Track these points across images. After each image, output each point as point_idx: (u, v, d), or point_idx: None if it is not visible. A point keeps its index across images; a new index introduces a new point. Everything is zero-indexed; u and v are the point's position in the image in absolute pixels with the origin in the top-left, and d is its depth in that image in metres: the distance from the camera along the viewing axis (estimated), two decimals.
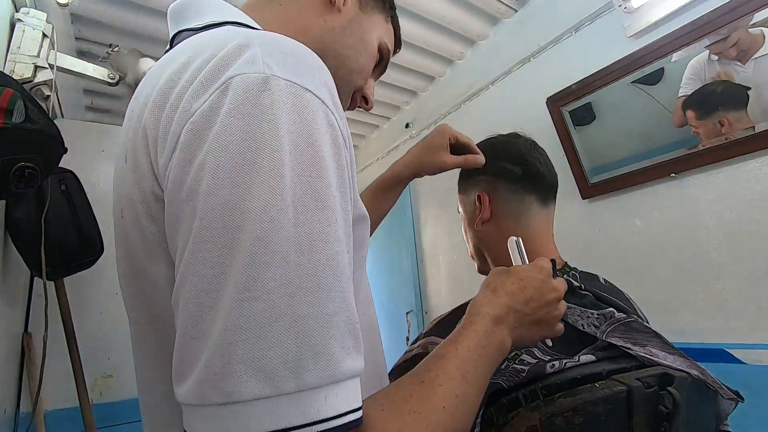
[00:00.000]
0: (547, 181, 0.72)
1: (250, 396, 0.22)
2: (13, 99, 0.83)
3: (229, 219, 0.25)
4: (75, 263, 1.39)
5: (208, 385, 0.23)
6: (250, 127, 0.27)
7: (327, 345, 0.24)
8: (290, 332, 0.24)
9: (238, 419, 0.22)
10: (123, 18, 1.56)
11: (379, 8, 0.54)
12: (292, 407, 0.23)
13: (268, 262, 0.24)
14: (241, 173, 0.26)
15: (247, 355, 0.23)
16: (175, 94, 0.30)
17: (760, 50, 1.03)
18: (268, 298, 0.24)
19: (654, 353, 0.54)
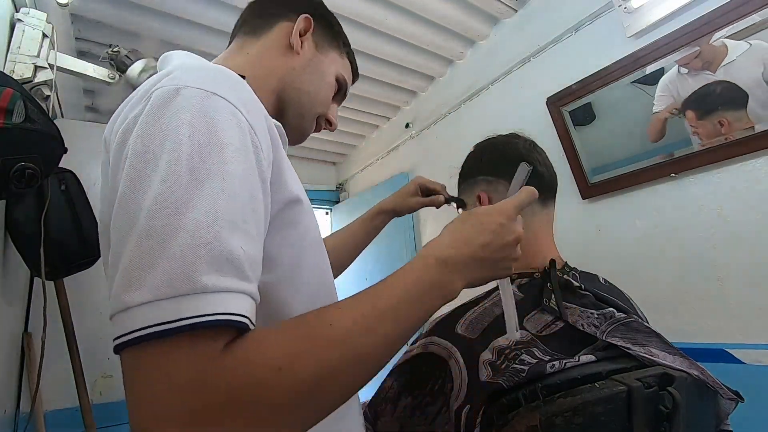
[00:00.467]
0: (547, 181, 0.72)
1: (136, 303, 0.29)
2: (13, 99, 0.83)
3: (138, 187, 0.33)
4: (75, 263, 1.39)
5: (114, 301, 0.31)
6: (161, 122, 0.35)
7: (195, 267, 0.30)
8: (170, 260, 0.30)
9: (132, 319, 0.29)
10: (123, 18, 1.56)
11: (334, 47, 0.64)
12: (168, 309, 0.29)
13: (157, 211, 0.31)
14: (149, 160, 0.33)
15: (138, 276, 0.30)
16: (124, 111, 0.41)
17: (726, 59, 1.09)
18: (157, 236, 0.30)
19: (654, 353, 0.54)
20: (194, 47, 1.76)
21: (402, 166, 2.46)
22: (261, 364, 0.30)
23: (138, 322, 0.29)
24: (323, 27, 0.63)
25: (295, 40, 0.59)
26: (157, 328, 0.28)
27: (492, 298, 0.62)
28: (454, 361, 0.52)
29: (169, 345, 0.29)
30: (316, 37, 0.62)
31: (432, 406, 0.52)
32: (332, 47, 0.64)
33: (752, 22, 1.02)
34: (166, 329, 0.28)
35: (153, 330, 0.28)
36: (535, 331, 0.55)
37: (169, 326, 0.28)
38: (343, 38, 0.67)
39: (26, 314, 1.43)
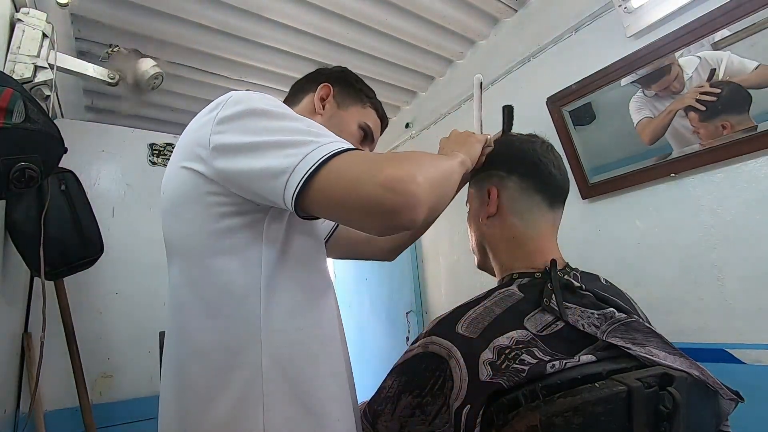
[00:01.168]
0: (558, 184, 0.72)
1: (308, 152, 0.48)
2: (13, 99, 0.83)
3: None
4: (75, 263, 1.39)
5: (296, 159, 0.48)
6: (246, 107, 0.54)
7: (312, 133, 0.51)
8: (304, 135, 0.51)
9: (316, 154, 0.48)
10: (123, 18, 1.56)
11: (356, 102, 0.79)
12: (344, 144, 0.50)
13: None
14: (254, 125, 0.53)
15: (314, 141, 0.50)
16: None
17: (685, 77, 1.16)
18: (291, 135, 0.51)
19: (654, 353, 0.54)
20: (194, 47, 1.76)
21: None
22: (400, 153, 0.51)
23: (323, 152, 0.48)
24: (343, 88, 0.78)
25: (317, 104, 0.76)
26: (335, 150, 0.48)
27: (492, 297, 0.62)
28: (454, 361, 0.52)
29: (346, 155, 0.48)
30: (338, 98, 0.77)
31: (432, 406, 0.52)
32: (353, 103, 0.78)
33: (752, 22, 1.02)
34: (343, 149, 0.49)
35: (334, 152, 0.48)
36: (535, 331, 0.55)
37: (341, 149, 0.49)
38: (366, 93, 0.81)
39: (26, 314, 1.43)
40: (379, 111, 0.82)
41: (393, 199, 0.44)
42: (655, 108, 1.23)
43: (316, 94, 0.76)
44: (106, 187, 1.75)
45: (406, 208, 0.45)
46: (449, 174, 0.57)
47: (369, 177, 0.45)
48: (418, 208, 0.45)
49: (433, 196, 0.48)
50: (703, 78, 1.12)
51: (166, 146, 1.93)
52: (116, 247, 1.62)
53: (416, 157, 0.50)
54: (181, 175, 0.57)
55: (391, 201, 0.44)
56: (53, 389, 1.44)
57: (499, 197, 0.72)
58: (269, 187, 0.49)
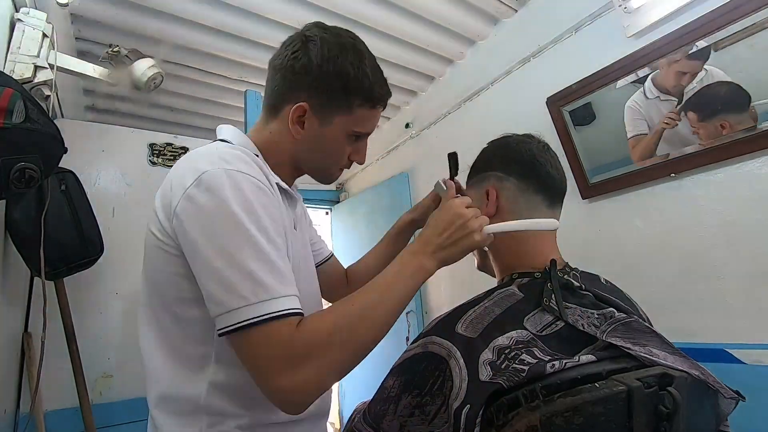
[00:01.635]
0: (556, 184, 0.72)
1: (242, 305, 0.51)
2: (13, 99, 0.83)
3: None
4: (75, 263, 1.39)
5: (220, 307, 0.52)
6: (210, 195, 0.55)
7: (253, 282, 0.52)
8: (245, 281, 0.52)
9: (242, 314, 0.51)
10: (123, 18, 1.56)
11: (341, 110, 0.67)
12: (264, 307, 0.51)
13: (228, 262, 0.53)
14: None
15: (239, 290, 0.52)
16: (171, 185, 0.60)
17: (689, 85, 1.14)
18: (235, 272, 0.52)
19: (654, 353, 0.54)
20: (194, 47, 1.76)
21: (402, 166, 2.46)
22: (320, 328, 0.53)
23: (241, 317, 0.50)
24: (323, 98, 0.66)
25: (293, 128, 0.67)
26: (262, 318, 0.50)
27: (492, 297, 0.62)
28: (454, 361, 0.52)
29: (268, 327, 0.50)
30: (317, 112, 0.67)
31: (431, 406, 0.51)
32: (338, 112, 0.67)
33: (752, 22, 1.02)
34: (267, 318, 0.50)
35: (259, 319, 0.50)
36: (535, 331, 0.55)
37: (267, 316, 0.50)
38: (349, 89, 0.66)
39: (26, 314, 1.43)
40: (372, 100, 0.69)
41: (279, 404, 0.52)
42: (651, 116, 1.22)
43: (291, 116, 0.66)
44: (106, 187, 1.75)
45: (291, 411, 0.52)
46: (390, 318, 0.59)
47: (264, 377, 0.51)
48: (300, 411, 0.52)
49: (326, 387, 0.54)
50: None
51: (166, 146, 1.93)
52: (116, 247, 1.62)
53: (330, 345, 0.53)
54: (153, 217, 0.62)
55: (279, 404, 0.52)
56: (53, 389, 1.44)
57: (497, 198, 0.72)
58: (206, 303, 0.54)
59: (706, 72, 1.11)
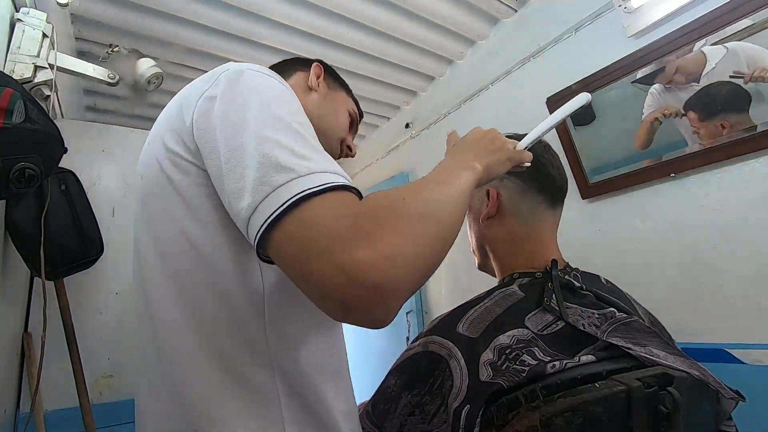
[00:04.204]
0: (557, 184, 0.72)
1: (289, 179, 0.38)
2: (13, 99, 0.83)
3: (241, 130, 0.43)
4: (75, 263, 1.39)
5: (261, 186, 0.38)
6: (239, 86, 0.46)
7: (301, 157, 0.40)
8: (291, 156, 0.40)
9: (294, 186, 0.37)
10: (123, 18, 1.56)
11: (341, 87, 0.81)
12: (320, 178, 0.38)
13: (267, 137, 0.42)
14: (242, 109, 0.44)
15: (283, 163, 0.39)
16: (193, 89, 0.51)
17: (706, 67, 1.12)
18: (276, 149, 0.40)
19: (654, 353, 0.54)
20: (194, 47, 1.76)
21: (402, 166, 2.46)
22: (390, 199, 0.40)
23: (293, 190, 0.37)
24: (331, 75, 0.80)
25: (312, 81, 0.74)
26: (321, 187, 0.38)
27: (493, 297, 0.62)
28: (454, 361, 0.52)
29: (323, 198, 0.37)
30: (327, 80, 0.78)
31: (430, 405, 0.52)
32: (340, 88, 0.80)
33: (752, 22, 1.02)
34: (326, 186, 0.38)
35: (318, 188, 0.37)
36: (536, 330, 0.55)
37: (324, 186, 0.38)
38: (346, 84, 0.83)
39: (26, 314, 1.43)
40: (358, 106, 0.84)
41: (349, 291, 0.33)
42: (678, 99, 1.19)
43: (312, 71, 0.75)
44: (106, 187, 1.75)
45: (366, 304, 0.34)
46: (454, 220, 0.44)
47: (328, 250, 0.34)
48: (385, 305, 0.35)
49: (415, 278, 0.37)
50: (728, 71, 1.07)
51: None
52: (116, 247, 1.62)
53: (406, 215, 0.39)
54: (160, 153, 0.49)
55: (346, 292, 0.33)
56: (53, 389, 1.43)
57: (498, 198, 0.72)
58: (232, 212, 0.41)
59: (726, 50, 1.08)
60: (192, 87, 0.50)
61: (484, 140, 0.59)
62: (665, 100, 1.21)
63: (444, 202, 0.44)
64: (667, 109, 1.19)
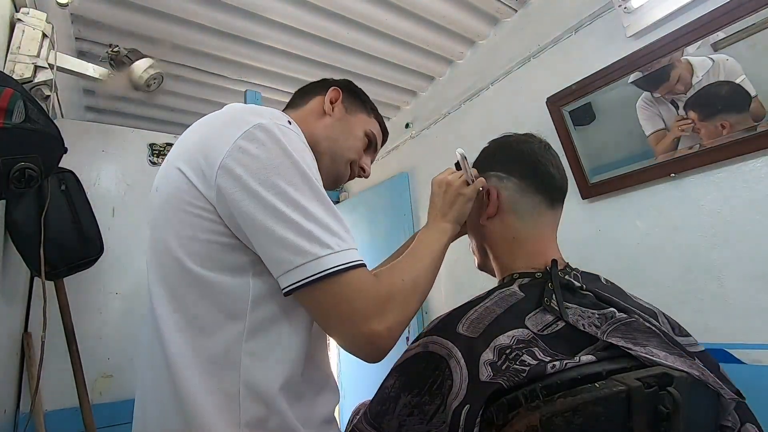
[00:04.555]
0: (557, 183, 0.72)
1: (324, 254, 0.50)
2: (13, 99, 0.83)
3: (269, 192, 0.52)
4: (75, 263, 1.39)
5: (299, 257, 0.50)
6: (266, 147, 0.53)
7: (331, 232, 0.52)
8: (324, 231, 0.51)
9: (325, 263, 0.49)
10: (123, 18, 1.56)
11: (361, 109, 0.82)
12: (344, 256, 0.51)
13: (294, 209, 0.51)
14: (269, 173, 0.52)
15: (317, 240, 0.51)
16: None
17: (693, 78, 1.14)
18: (313, 222, 0.51)
19: (654, 353, 0.54)
20: (194, 47, 1.76)
21: (402, 166, 2.46)
22: (394, 281, 0.57)
23: (329, 263, 0.49)
24: (351, 96, 0.81)
25: (327, 106, 0.76)
26: (349, 264, 0.50)
27: (493, 297, 0.62)
28: (454, 361, 0.52)
29: (352, 274, 0.50)
30: (346, 103, 0.79)
31: (429, 405, 0.52)
32: (360, 110, 0.81)
33: (752, 22, 1.02)
34: (353, 264, 0.51)
35: (347, 265, 0.50)
36: (536, 330, 0.55)
37: (353, 263, 0.51)
38: (370, 105, 0.84)
39: (26, 314, 1.43)
40: (381, 124, 0.86)
41: (370, 351, 0.52)
42: (661, 114, 1.21)
43: (327, 96, 0.77)
44: (106, 187, 1.75)
45: (377, 358, 0.52)
46: (432, 277, 0.64)
47: (358, 322, 0.50)
48: (384, 355, 0.53)
49: (401, 333, 0.54)
50: (713, 80, 1.10)
51: (166, 146, 1.93)
52: (116, 247, 1.62)
53: (402, 292, 0.55)
54: (175, 177, 0.55)
55: (368, 352, 0.52)
56: (53, 389, 1.44)
57: (498, 198, 0.72)
58: (267, 259, 0.51)
59: (713, 62, 1.10)
60: (214, 128, 0.56)
61: (442, 197, 0.73)
62: (659, 110, 1.22)
63: (428, 273, 0.63)
64: (681, 129, 1.18)
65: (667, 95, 1.20)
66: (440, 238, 0.68)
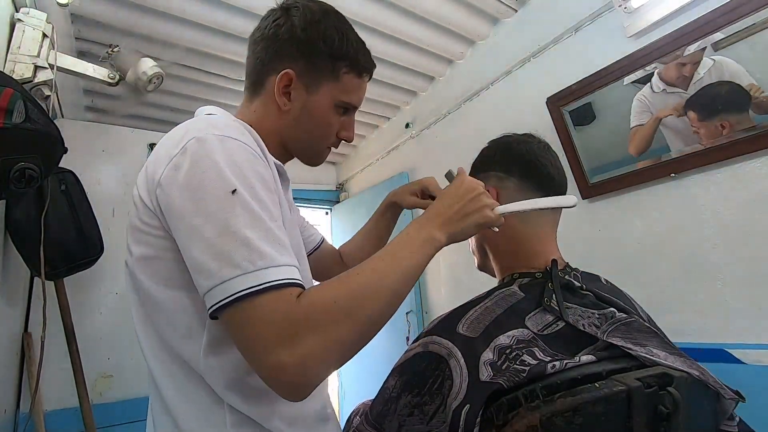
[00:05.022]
0: (557, 183, 0.72)
1: (233, 276, 0.45)
2: (13, 99, 0.83)
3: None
4: (75, 263, 1.39)
5: (210, 280, 0.45)
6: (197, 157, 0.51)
7: (248, 249, 0.46)
8: (239, 248, 0.46)
9: (232, 287, 0.44)
10: (123, 18, 1.56)
11: (326, 77, 0.65)
12: (257, 276, 0.45)
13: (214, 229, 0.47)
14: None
15: (228, 259, 0.46)
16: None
17: (695, 76, 1.13)
18: (229, 239, 0.46)
19: (654, 353, 0.54)
20: (194, 47, 1.76)
21: (402, 166, 2.46)
22: (324, 297, 0.47)
23: (236, 287, 0.44)
24: (309, 64, 0.64)
25: (279, 99, 0.65)
26: (260, 287, 0.44)
27: (493, 297, 0.62)
28: (454, 361, 0.52)
29: (266, 297, 0.44)
30: (303, 79, 0.64)
31: (430, 405, 0.51)
32: (325, 78, 0.65)
33: (752, 22, 1.02)
34: (264, 286, 0.44)
35: (256, 288, 0.44)
36: (536, 330, 0.55)
37: (265, 285, 0.44)
38: (335, 54, 0.65)
39: (26, 314, 1.43)
40: (358, 67, 0.68)
41: (275, 385, 0.44)
42: (656, 108, 1.22)
43: (277, 86, 0.64)
44: (106, 187, 1.75)
45: (288, 393, 0.45)
46: (401, 293, 0.52)
47: (260, 351, 0.43)
48: (299, 395, 0.45)
49: (326, 369, 0.46)
50: (713, 80, 1.10)
51: None
52: (116, 247, 1.62)
53: (332, 315, 0.46)
54: (135, 198, 0.57)
55: (273, 384, 0.44)
56: (53, 389, 1.44)
57: (498, 198, 0.72)
58: (194, 278, 0.48)
59: (714, 62, 1.10)
60: (163, 147, 0.55)
61: (463, 201, 0.60)
62: (654, 104, 1.22)
63: (386, 284, 0.50)
64: (670, 109, 1.19)
65: (671, 87, 1.19)
66: (427, 248, 0.56)
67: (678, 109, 1.17)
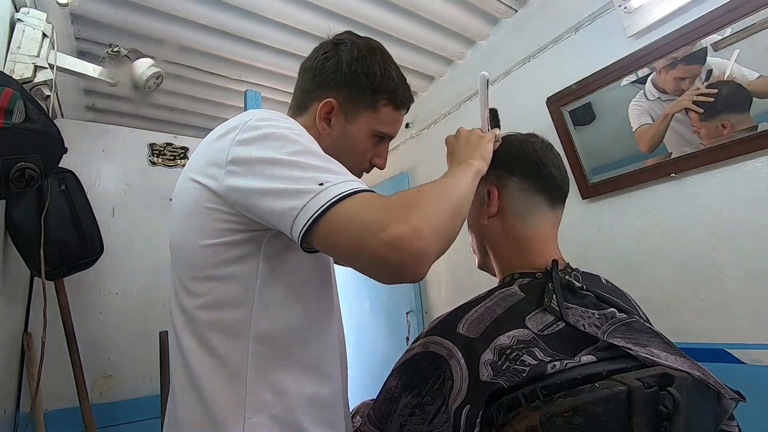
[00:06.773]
0: (559, 183, 0.72)
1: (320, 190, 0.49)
2: (13, 99, 0.83)
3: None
4: (75, 263, 1.39)
5: (305, 200, 0.49)
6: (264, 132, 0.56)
7: (331, 172, 0.51)
8: (322, 171, 0.51)
9: (334, 191, 0.48)
10: (123, 18, 1.56)
11: (366, 107, 0.71)
12: (354, 183, 0.50)
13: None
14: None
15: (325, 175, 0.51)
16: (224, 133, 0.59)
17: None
18: (309, 169, 0.52)
19: (655, 353, 0.54)
20: (194, 47, 1.76)
21: (402, 166, 2.46)
22: (408, 192, 0.53)
23: (334, 192, 0.48)
24: (350, 95, 0.70)
25: (320, 124, 0.70)
26: (349, 191, 0.48)
27: (493, 297, 0.62)
28: (455, 361, 0.52)
29: (358, 196, 0.48)
30: (344, 108, 0.70)
31: (431, 405, 0.52)
32: (364, 107, 0.71)
33: (752, 22, 1.02)
34: (356, 190, 0.49)
35: (352, 190, 0.48)
36: (536, 331, 0.55)
37: (357, 189, 0.49)
38: (378, 88, 0.71)
39: (26, 314, 1.43)
40: (396, 101, 0.73)
41: (398, 258, 0.44)
42: (656, 113, 1.22)
43: (319, 112, 0.69)
44: (106, 187, 1.75)
45: (411, 266, 0.45)
46: (462, 202, 0.57)
47: (375, 232, 0.45)
48: (424, 264, 0.46)
49: (440, 244, 0.49)
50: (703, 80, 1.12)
51: (166, 146, 1.93)
52: (116, 247, 1.62)
53: (425, 201, 0.50)
54: (190, 187, 0.59)
55: (396, 259, 0.44)
56: (53, 389, 1.44)
57: (499, 197, 0.72)
58: (278, 218, 0.50)
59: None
60: (219, 135, 0.59)
61: (468, 140, 0.72)
62: (652, 109, 1.23)
63: (454, 188, 0.57)
64: (678, 106, 1.18)
65: (666, 95, 1.20)
66: (469, 168, 0.63)
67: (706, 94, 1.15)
